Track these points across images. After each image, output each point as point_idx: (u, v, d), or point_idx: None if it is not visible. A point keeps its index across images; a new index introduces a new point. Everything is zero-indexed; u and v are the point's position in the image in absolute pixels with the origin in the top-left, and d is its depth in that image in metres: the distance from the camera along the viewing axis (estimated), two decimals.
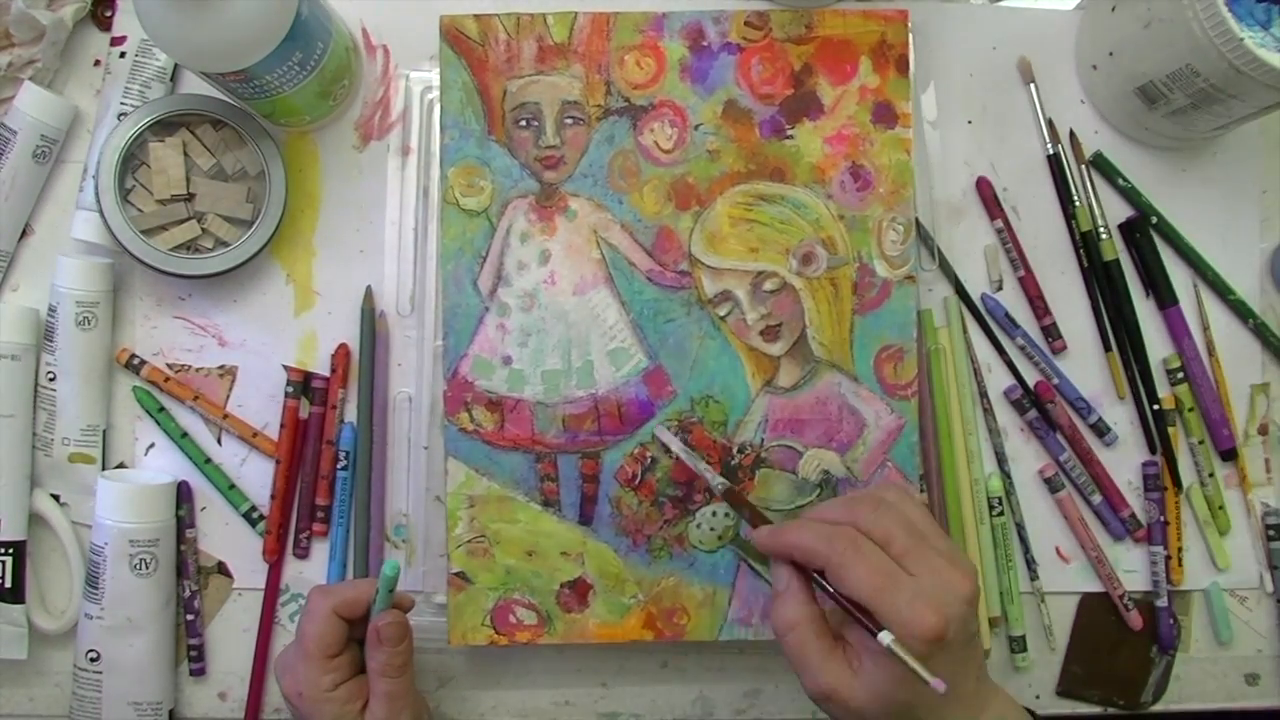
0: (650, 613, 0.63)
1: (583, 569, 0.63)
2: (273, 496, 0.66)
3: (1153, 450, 0.69)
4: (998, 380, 0.69)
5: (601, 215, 0.64)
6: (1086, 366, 0.69)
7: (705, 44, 0.64)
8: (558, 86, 0.64)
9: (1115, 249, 0.69)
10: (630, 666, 0.68)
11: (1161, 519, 0.68)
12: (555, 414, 0.63)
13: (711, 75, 0.64)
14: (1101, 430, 0.69)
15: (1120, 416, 0.69)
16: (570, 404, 0.63)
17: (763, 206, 0.64)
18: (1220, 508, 0.69)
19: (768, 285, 0.64)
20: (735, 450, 0.64)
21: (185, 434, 0.66)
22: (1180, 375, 0.69)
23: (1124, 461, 0.69)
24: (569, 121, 0.64)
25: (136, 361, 0.66)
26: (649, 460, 0.63)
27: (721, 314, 0.64)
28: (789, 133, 0.64)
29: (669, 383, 0.64)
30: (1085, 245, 0.69)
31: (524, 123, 0.64)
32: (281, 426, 0.66)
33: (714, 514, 0.63)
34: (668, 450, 0.63)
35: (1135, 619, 0.68)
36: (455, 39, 0.63)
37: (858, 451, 0.64)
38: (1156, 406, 0.69)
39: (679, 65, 0.64)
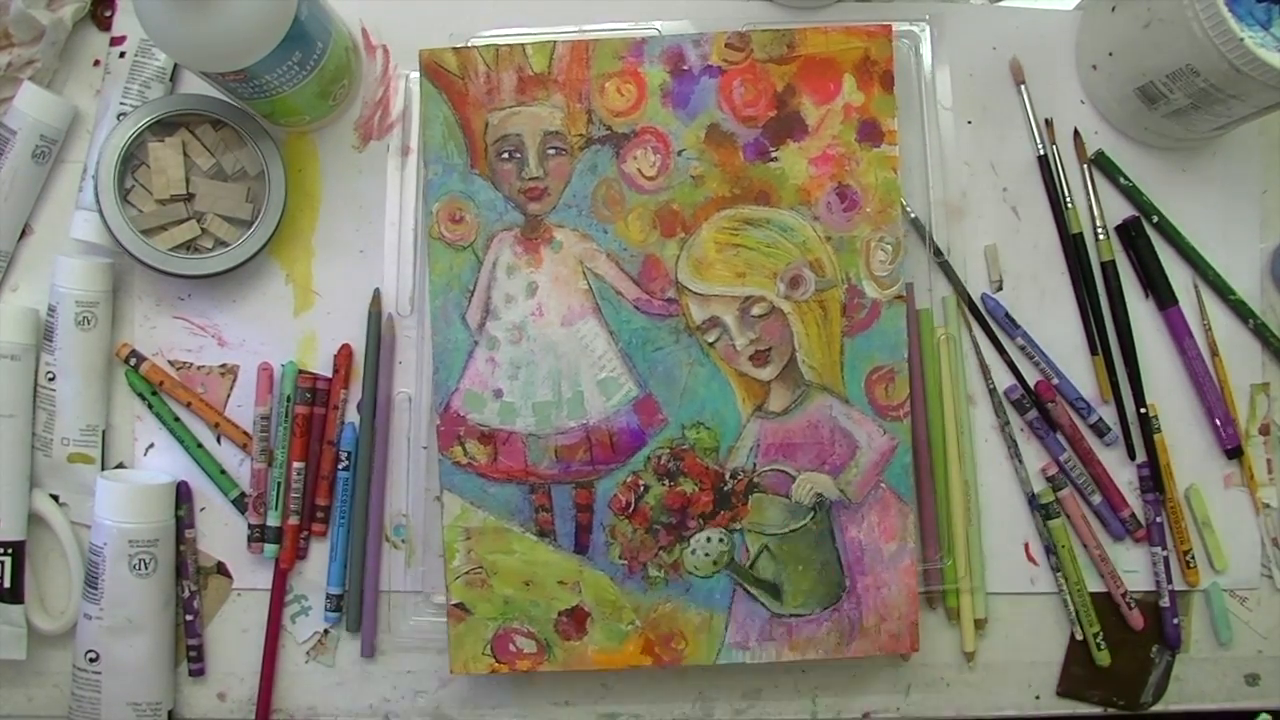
0: (648, 638, 0.63)
1: (580, 597, 0.63)
2: (286, 505, 0.66)
3: (1133, 456, 0.69)
4: (997, 380, 0.69)
5: (587, 245, 0.63)
6: (1086, 367, 0.69)
7: (686, 68, 0.63)
8: (539, 117, 0.63)
9: (1112, 249, 0.69)
10: None
11: (1158, 520, 0.68)
12: (547, 445, 0.63)
13: (693, 100, 0.63)
14: (1101, 430, 0.69)
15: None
16: (562, 435, 0.63)
17: (748, 231, 0.63)
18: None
19: (756, 310, 0.63)
20: (728, 476, 0.63)
21: (178, 419, 0.66)
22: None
23: (1124, 461, 0.69)
24: (551, 152, 0.63)
25: (134, 361, 0.66)
26: (642, 488, 0.63)
27: (710, 340, 0.63)
28: (773, 155, 0.63)
29: (659, 411, 0.63)
30: (1075, 246, 0.68)
31: (506, 155, 0.63)
32: (293, 435, 0.66)
33: (709, 540, 0.63)
34: (660, 478, 0.63)
35: (1136, 618, 0.68)
36: (435, 73, 0.63)
37: (851, 474, 0.63)
38: (1143, 410, 0.68)
39: (660, 91, 0.63)
